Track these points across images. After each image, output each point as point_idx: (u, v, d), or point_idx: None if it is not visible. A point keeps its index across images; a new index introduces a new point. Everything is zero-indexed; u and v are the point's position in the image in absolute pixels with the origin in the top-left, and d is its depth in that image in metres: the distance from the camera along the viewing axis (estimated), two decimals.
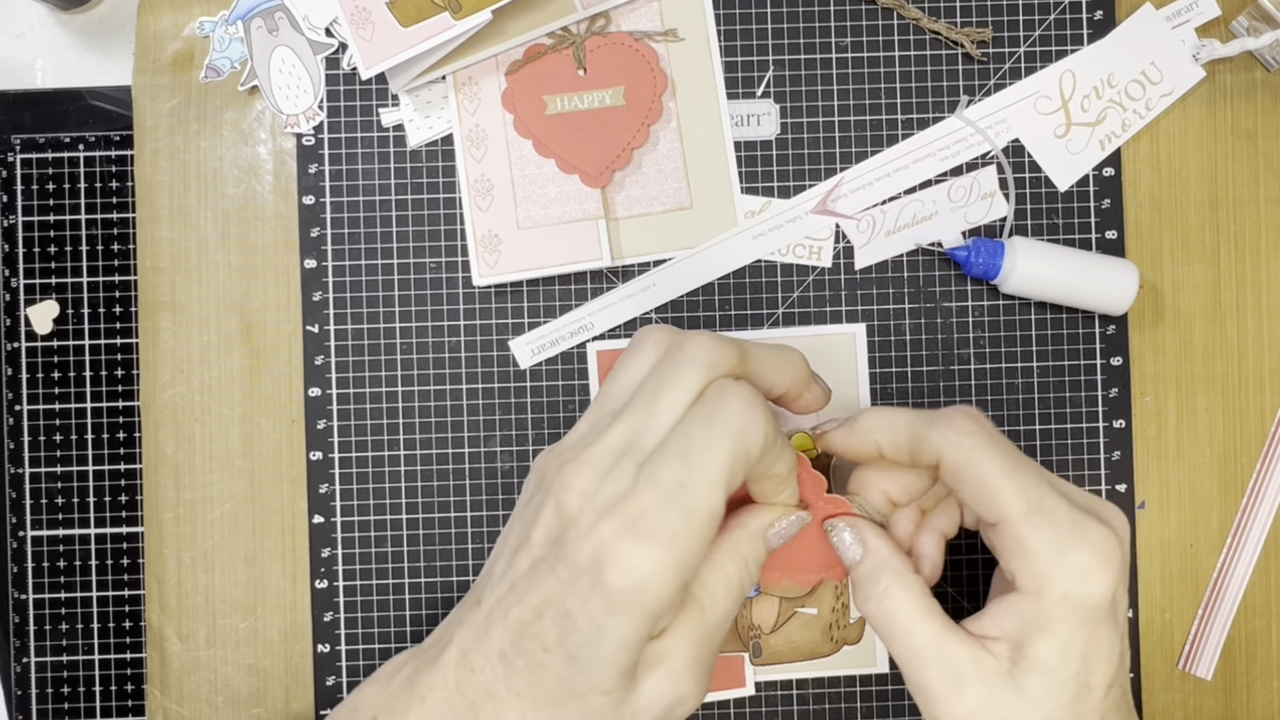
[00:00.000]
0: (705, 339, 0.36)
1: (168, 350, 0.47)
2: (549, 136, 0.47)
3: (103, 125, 0.49)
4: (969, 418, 0.38)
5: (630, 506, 0.33)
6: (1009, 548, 0.36)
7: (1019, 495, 0.36)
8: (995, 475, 0.36)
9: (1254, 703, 0.48)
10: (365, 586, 0.47)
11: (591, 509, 0.34)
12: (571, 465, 0.35)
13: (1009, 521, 0.36)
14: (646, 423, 0.35)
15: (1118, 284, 0.46)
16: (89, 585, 0.48)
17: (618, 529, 0.33)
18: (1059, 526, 0.36)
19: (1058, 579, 0.35)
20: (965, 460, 0.37)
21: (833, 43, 0.48)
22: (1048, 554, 0.35)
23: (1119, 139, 0.48)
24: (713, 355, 0.35)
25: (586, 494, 0.34)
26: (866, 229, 0.48)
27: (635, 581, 0.33)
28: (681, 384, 0.35)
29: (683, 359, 0.35)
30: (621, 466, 0.34)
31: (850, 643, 0.47)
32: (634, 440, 0.35)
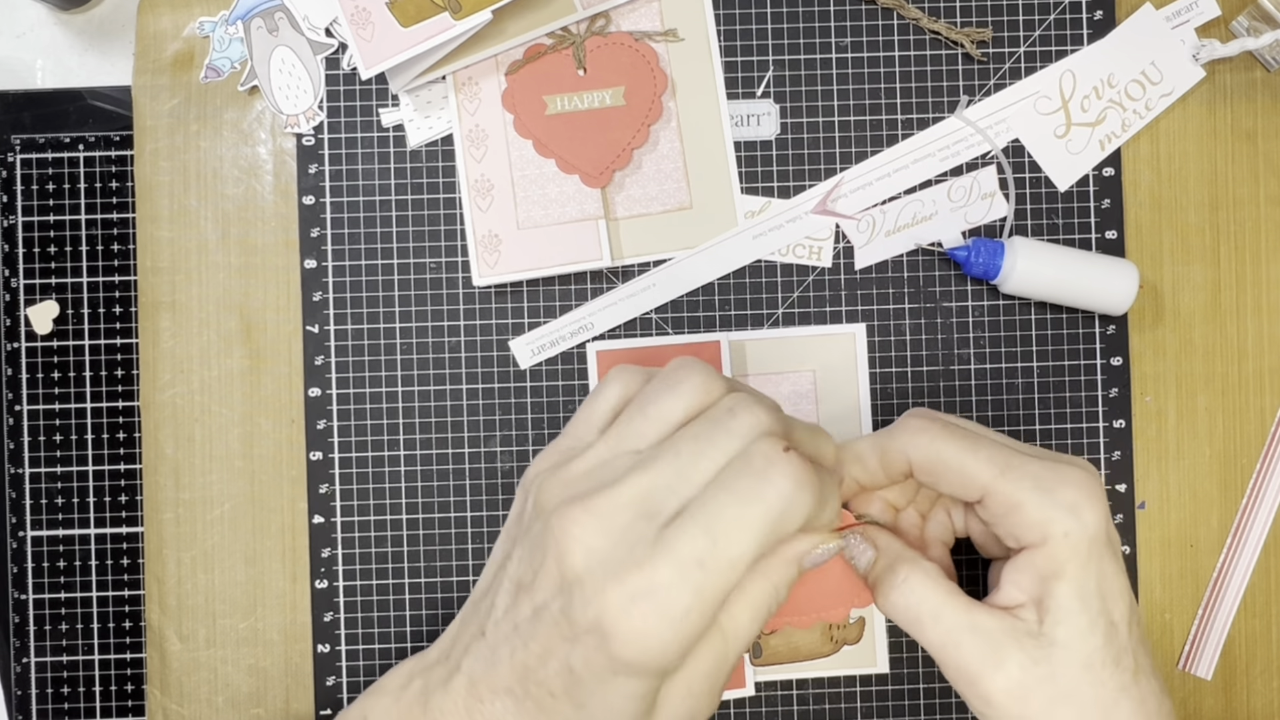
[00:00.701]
0: (762, 412, 0.34)
1: (168, 350, 0.47)
2: (549, 136, 0.47)
3: (103, 125, 0.49)
4: (919, 416, 0.39)
5: (642, 579, 0.32)
6: (1000, 514, 0.37)
7: (986, 464, 0.37)
8: (958, 455, 0.38)
9: (1254, 703, 0.48)
10: (365, 586, 0.47)
11: (600, 571, 0.32)
12: (579, 510, 0.33)
13: (989, 489, 0.37)
14: (674, 482, 0.33)
15: (1118, 284, 0.46)
16: (89, 585, 0.48)
17: (627, 601, 0.32)
18: (1036, 476, 0.37)
19: (1054, 519, 0.36)
20: (928, 453, 0.38)
21: (833, 43, 0.48)
22: (1036, 500, 0.36)
23: (1119, 139, 0.48)
24: (766, 430, 0.33)
25: (595, 552, 0.32)
26: (866, 229, 0.48)
27: (641, 654, 0.32)
28: (722, 451, 0.33)
29: (734, 428, 0.33)
30: (638, 530, 0.32)
31: (850, 643, 0.47)
32: (656, 500, 0.33)
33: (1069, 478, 0.37)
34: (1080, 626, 0.36)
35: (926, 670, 0.47)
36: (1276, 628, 0.48)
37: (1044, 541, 0.36)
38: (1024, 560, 0.37)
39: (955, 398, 0.47)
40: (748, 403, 0.34)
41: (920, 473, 0.39)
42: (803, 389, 0.47)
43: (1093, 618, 0.36)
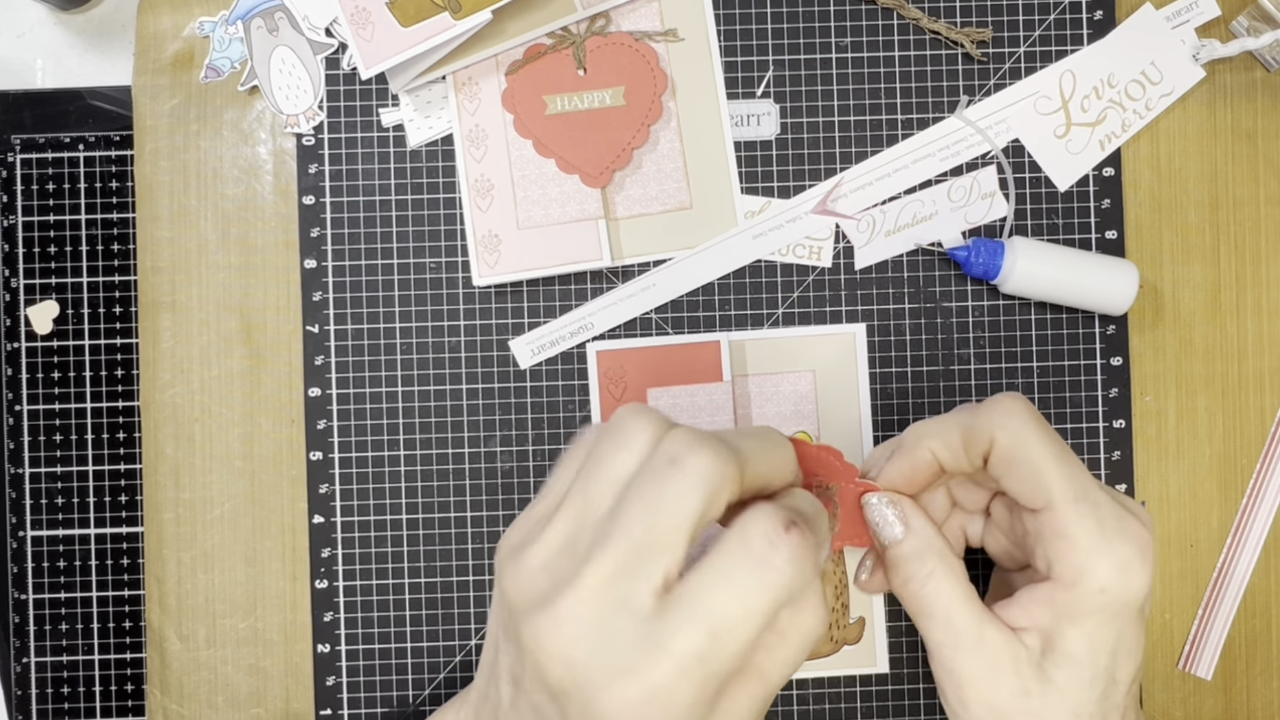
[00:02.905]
0: (708, 455, 0.31)
1: (168, 350, 0.47)
2: (549, 136, 0.47)
3: (103, 125, 0.49)
4: (1015, 399, 0.37)
5: (641, 686, 0.29)
6: (1048, 535, 0.36)
7: (1068, 481, 0.36)
8: (1045, 458, 0.36)
9: (1254, 703, 0.48)
10: (365, 586, 0.47)
11: (589, 682, 0.30)
12: (547, 622, 0.30)
13: (1055, 506, 0.36)
14: (641, 557, 0.30)
15: (1118, 284, 0.46)
16: (89, 585, 0.48)
17: (630, 710, 0.29)
18: (1103, 518, 0.35)
19: (1097, 570, 0.35)
20: (1016, 441, 0.36)
21: (833, 43, 0.48)
22: (1089, 543, 0.35)
23: (1119, 139, 0.48)
24: (715, 480, 0.31)
25: (577, 664, 0.30)
26: (866, 229, 0.48)
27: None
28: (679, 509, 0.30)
29: (679, 476, 0.30)
30: (619, 626, 0.29)
31: (850, 643, 0.47)
32: (627, 584, 0.30)
33: (1132, 531, 0.35)
34: (1080, 677, 0.35)
35: (926, 670, 0.47)
36: (1276, 628, 0.48)
37: (1075, 583, 0.35)
38: (1045, 593, 0.36)
39: (955, 398, 0.47)
40: (694, 447, 0.31)
41: (999, 458, 0.36)
42: (803, 389, 0.47)
43: (1096, 673, 0.35)
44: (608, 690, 0.29)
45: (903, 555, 0.38)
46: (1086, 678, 0.35)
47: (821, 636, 0.35)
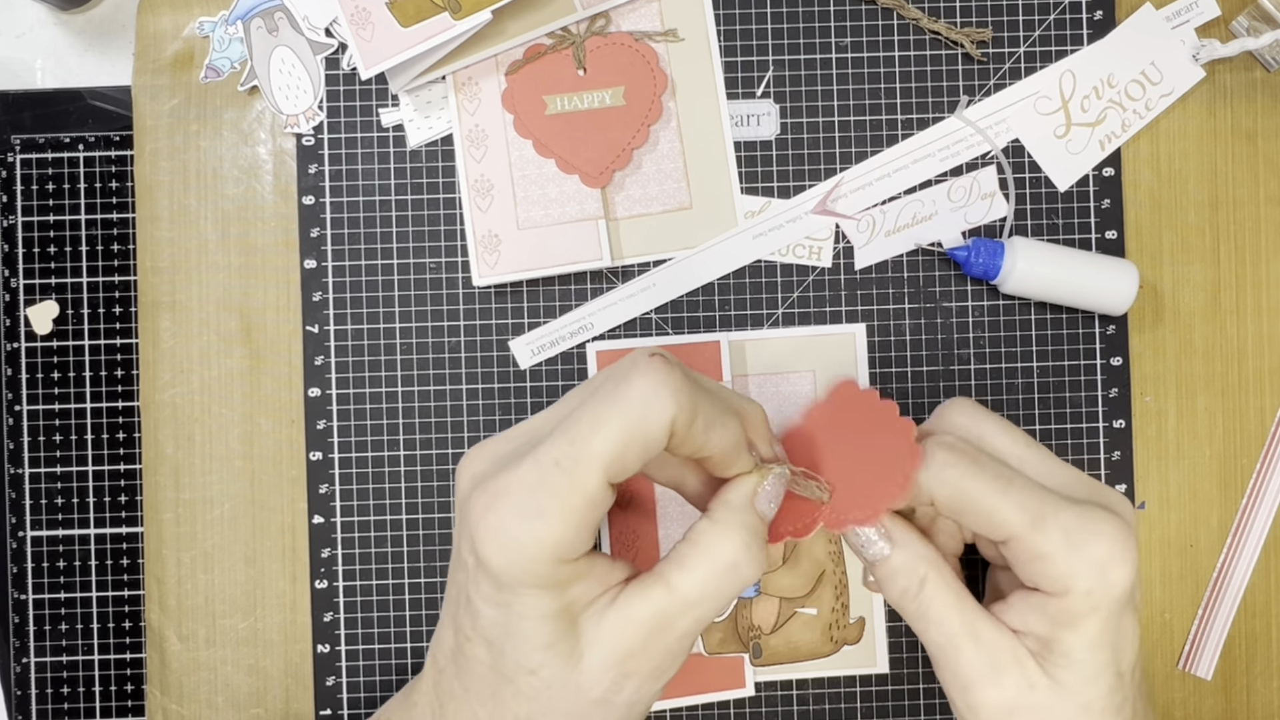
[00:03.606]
0: (654, 375, 0.33)
1: (168, 350, 0.47)
2: (549, 136, 0.47)
3: (103, 125, 0.49)
4: (945, 449, 0.37)
5: (501, 482, 0.33)
6: (1022, 559, 0.36)
7: (1020, 510, 0.36)
8: (990, 499, 0.36)
9: (1254, 703, 0.48)
10: (365, 586, 0.47)
11: (473, 490, 0.33)
12: (474, 451, 0.35)
13: (1017, 537, 0.36)
14: (559, 413, 0.34)
15: (1118, 284, 0.46)
16: (89, 585, 0.48)
17: (485, 505, 0.33)
18: (1068, 529, 0.35)
19: (1079, 576, 0.35)
20: (955, 494, 0.36)
21: (833, 43, 0.48)
22: (1064, 555, 0.35)
23: (1119, 139, 0.48)
24: (651, 403, 0.33)
25: (477, 476, 0.34)
26: (866, 229, 0.48)
27: (499, 553, 0.32)
28: (609, 381, 0.33)
29: (620, 395, 0.33)
30: (518, 453, 0.33)
31: (850, 643, 0.47)
32: (541, 431, 0.34)
33: (1102, 530, 0.35)
34: (1086, 675, 0.36)
35: (926, 670, 0.47)
36: (1276, 628, 0.48)
37: (1064, 594, 0.35)
38: (1037, 601, 0.36)
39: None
40: (645, 369, 0.33)
41: (946, 511, 0.37)
42: (803, 389, 0.47)
43: (1100, 668, 0.36)
44: (479, 492, 0.33)
45: (893, 570, 0.38)
46: (1091, 674, 0.36)
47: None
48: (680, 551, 0.34)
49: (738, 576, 0.34)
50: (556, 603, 0.33)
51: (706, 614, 0.34)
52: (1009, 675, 0.36)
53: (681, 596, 0.34)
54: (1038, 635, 0.36)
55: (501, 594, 0.33)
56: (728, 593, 0.34)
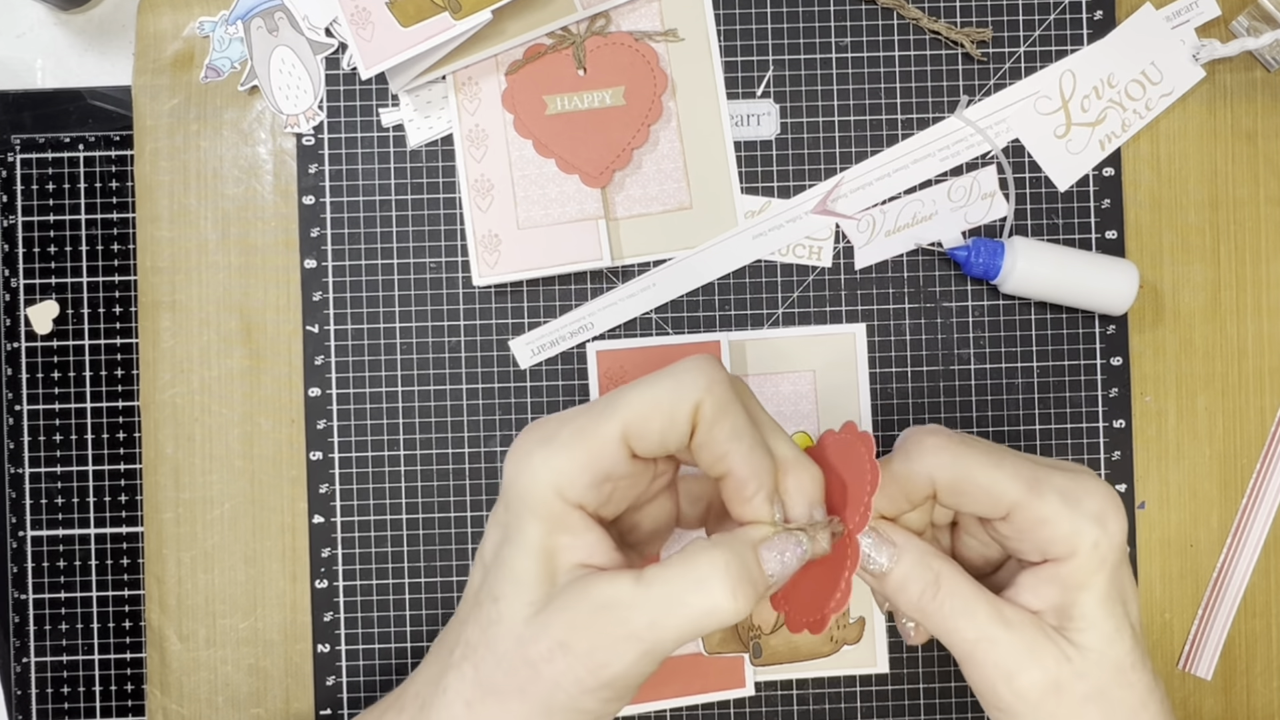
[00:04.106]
0: (696, 362, 0.35)
1: (168, 350, 0.47)
2: (549, 136, 0.47)
3: (103, 125, 0.49)
4: (933, 434, 0.37)
5: (542, 419, 0.36)
6: (1026, 529, 0.37)
7: (1015, 480, 0.36)
8: (988, 475, 0.36)
9: (1254, 703, 0.48)
10: (365, 586, 0.47)
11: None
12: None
13: (1018, 505, 0.36)
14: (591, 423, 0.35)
15: (1118, 284, 0.46)
16: (89, 585, 0.48)
17: (522, 434, 0.35)
18: (1062, 489, 0.36)
19: (1084, 531, 0.36)
20: (955, 475, 0.37)
21: (833, 43, 0.48)
22: (1065, 513, 0.36)
23: (1119, 139, 0.48)
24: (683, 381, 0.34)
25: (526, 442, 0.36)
26: (866, 229, 0.48)
27: (514, 473, 0.35)
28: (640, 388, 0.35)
29: (662, 373, 0.35)
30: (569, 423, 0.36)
31: (850, 643, 0.47)
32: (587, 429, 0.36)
33: (1090, 486, 0.37)
34: (1108, 632, 0.36)
35: (926, 670, 0.47)
36: (1276, 628, 0.48)
37: (1073, 554, 0.36)
38: (1047, 572, 0.37)
39: (955, 397, 0.47)
40: (698, 363, 0.35)
41: (946, 494, 0.37)
42: (803, 389, 0.47)
43: (1118, 623, 0.36)
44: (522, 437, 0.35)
45: (904, 575, 0.37)
46: (1112, 630, 0.36)
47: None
48: (670, 559, 0.34)
49: (711, 609, 0.33)
50: (542, 540, 0.34)
51: (665, 626, 0.33)
52: (1045, 652, 0.36)
53: (645, 594, 0.33)
54: (1054, 607, 0.37)
55: (508, 515, 0.35)
56: (693, 619, 0.33)
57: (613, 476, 0.35)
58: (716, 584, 0.33)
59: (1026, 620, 0.37)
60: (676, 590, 0.33)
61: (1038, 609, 0.37)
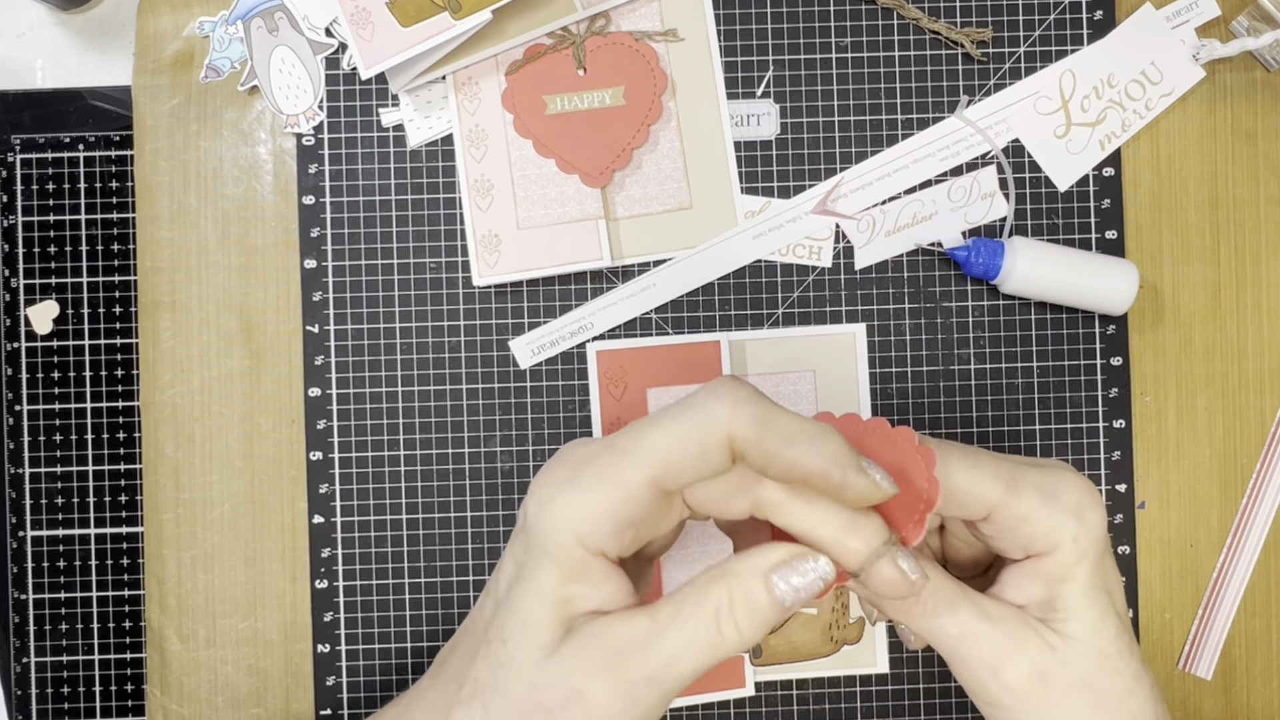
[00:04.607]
0: (717, 387, 0.34)
1: (168, 350, 0.47)
2: (549, 136, 0.47)
3: (103, 125, 0.49)
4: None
5: (565, 453, 0.34)
6: (1007, 527, 0.37)
7: (993, 480, 0.37)
8: (965, 474, 0.37)
9: (1254, 703, 0.48)
10: (365, 586, 0.47)
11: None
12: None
13: (997, 505, 0.37)
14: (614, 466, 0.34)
15: (1118, 284, 0.46)
16: (89, 585, 0.48)
17: (545, 469, 0.34)
18: (1039, 485, 0.37)
19: (1063, 525, 0.36)
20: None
21: (833, 43, 0.48)
22: (1044, 509, 0.36)
23: (1119, 139, 0.48)
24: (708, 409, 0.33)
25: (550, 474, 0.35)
26: (866, 229, 0.48)
27: (536, 513, 0.33)
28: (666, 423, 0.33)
29: (685, 403, 0.34)
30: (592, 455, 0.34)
31: (850, 643, 0.47)
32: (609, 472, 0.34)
33: (1067, 480, 0.37)
34: (1091, 621, 0.37)
35: (926, 670, 0.47)
36: (1276, 628, 0.48)
37: (1054, 549, 0.36)
38: (1030, 567, 0.37)
39: (955, 397, 0.47)
40: (723, 384, 0.34)
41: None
42: (803, 389, 0.47)
43: (1102, 612, 0.37)
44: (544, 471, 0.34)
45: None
46: (1096, 620, 0.37)
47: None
48: (681, 593, 0.34)
49: (721, 645, 0.33)
50: (558, 589, 0.33)
51: (681, 665, 0.33)
52: (1029, 643, 0.37)
53: (660, 636, 0.33)
54: (1038, 600, 0.37)
55: (525, 555, 0.34)
56: (709, 656, 0.33)
57: (636, 520, 0.34)
58: (726, 617, 0.33)
59: (1009, 614, 0.37)
60: (689, 627, 0.33)
61: (1023, 604, 0.37)
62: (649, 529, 0.35)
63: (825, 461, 0.33)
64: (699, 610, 0.33)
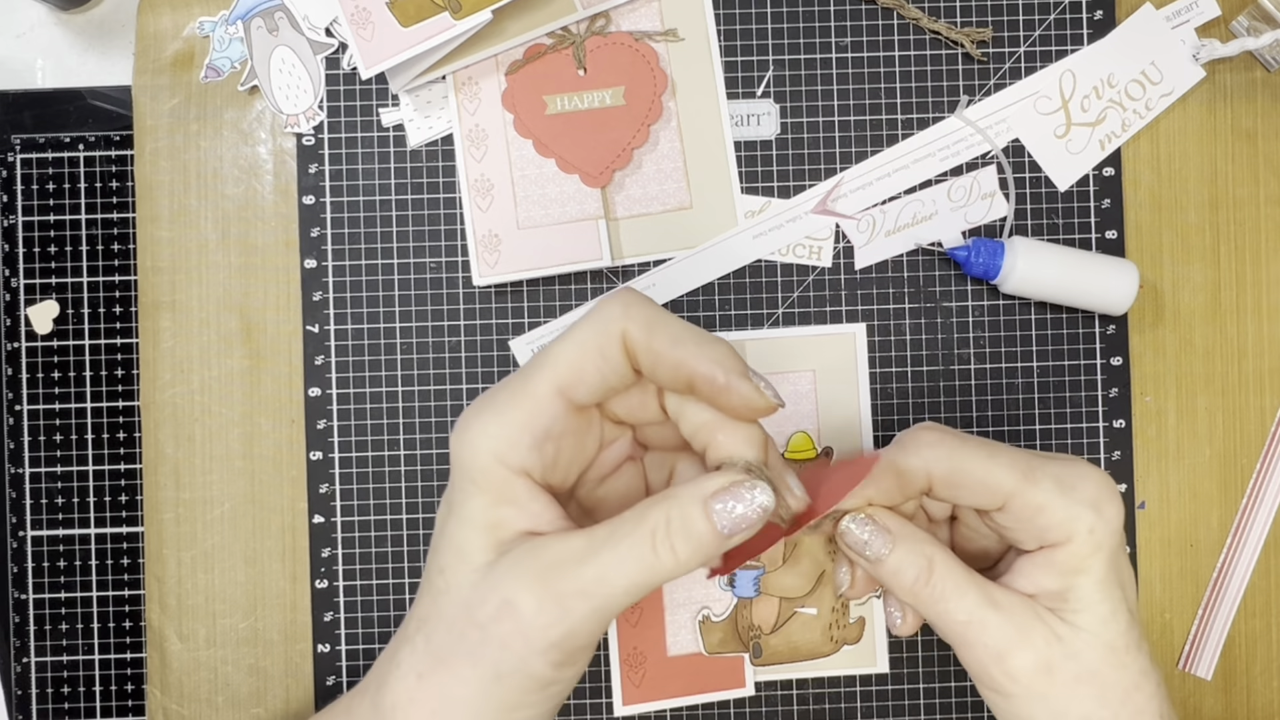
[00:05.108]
0: (610, 296, 0.35)
1: (168, 350, 0.47)
2: (549, 136, 0.47)
3: (103, 125, 0.49)
4: (930, 429, 0.38)
5: (479, 400, 0.36)
6: (1023, 517, 0.37)
7: (1010, 470, 0.37)
8: (982, 464, 0.37)
9: (1254, 703, 0.48)
10: (365, 586, 0.47)
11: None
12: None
13: (1014, 494, 0.37)
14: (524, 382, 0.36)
15: (1118, 284, 0.46)
16: (89, 585, 0.48)
17: (462, 414, 0.36)
18: (1056, 476, 0.37)
19: (1079, 516, 0.36)
20: (952, 469, 0.37)
21: (833, 43, 0.48)
22: (1060, 500, 0.36)
23: (1119, 139, 0.48)
24: (603, 315, 0.35)
25: (462, 441, 0.36)
26: (866, 229, 0.48)
27: (458, 446, 0.35)
28: (565, 338, 0.35)
29: (583, 318, 0.35)
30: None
31: (850, 643, 0.47)
32: (518, 387, 0.36)
33: (1086, 473, 0.37)
34: (1103, 614, 0.37)
35: (926, 670, 0.47)
36: (1276, 628, 0.48)
37: (1069, 539, 0.37)
38: (1042, 558, 0.37)
39: (955, 397, 0.47)
40: (611, 295, 0.35)
41: (942, 487, 0.38)
42: (803, 389, 0.47)
43: (1114, 605, 0.37)
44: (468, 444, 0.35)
45: (899, 561, 0.38)
46: (1108, 612, 0.37)
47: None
48: (620, 515, 0.34)
49: (654, 565, 0.33)
50: (486, 514, 0.34)
51: (613, 581, 0.33)
52: (1036, 633, 0.37)
53: (593, 551, 0.33)
54: (1050, 591, 0.37)
55: (453, 490, 0.35)
56: (641, 574, 0.33)
57: (553, 434, 0.34)
58: (662, 539, 0.33)
59: (1017, 602, 0.37)
60: (624, 545, 0.33)
61: (1033, 594, 0.37)
62: (572, 449, 0.36)
63: (710, 363, 0.33)
64: (635, 530, 0.33)
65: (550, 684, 0.34)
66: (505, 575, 0.33)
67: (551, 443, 0.35)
